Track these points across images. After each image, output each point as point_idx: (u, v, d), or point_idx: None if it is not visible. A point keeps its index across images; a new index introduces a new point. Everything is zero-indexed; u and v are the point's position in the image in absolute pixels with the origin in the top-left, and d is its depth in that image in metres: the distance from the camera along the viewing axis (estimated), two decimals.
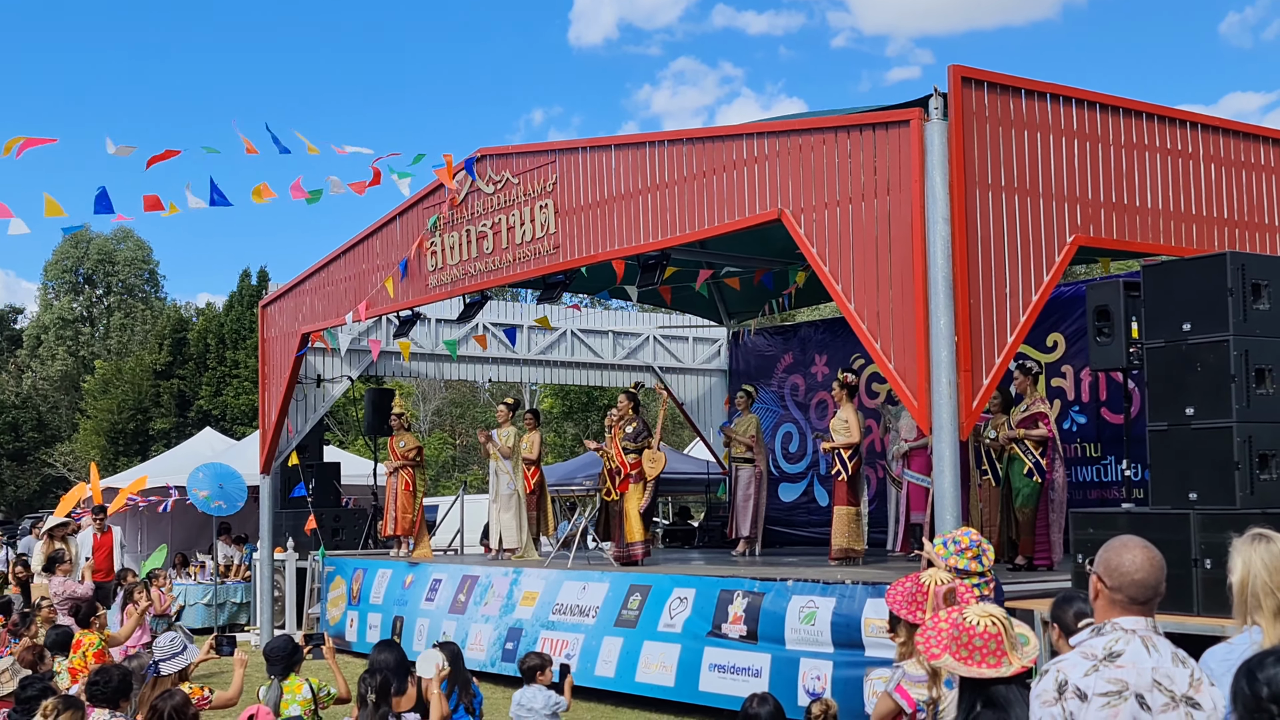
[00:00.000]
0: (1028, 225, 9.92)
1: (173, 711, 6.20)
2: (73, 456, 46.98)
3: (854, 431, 13.51)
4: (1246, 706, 2.83)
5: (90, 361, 53.67)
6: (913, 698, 5.44)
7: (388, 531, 17.47)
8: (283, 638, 8.47)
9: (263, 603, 18.33)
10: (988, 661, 4.58)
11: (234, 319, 44.24)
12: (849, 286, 10.24)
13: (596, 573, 13.71)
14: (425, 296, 15.75)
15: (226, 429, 37.62)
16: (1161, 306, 9.02)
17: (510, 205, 14.07)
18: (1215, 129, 11.20)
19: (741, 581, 11.84)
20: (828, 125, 10.59)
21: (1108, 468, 14.55)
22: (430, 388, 46.44)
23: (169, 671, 7.75)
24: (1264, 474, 8.55)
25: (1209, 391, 8.66)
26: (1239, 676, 2.92)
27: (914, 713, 5.49)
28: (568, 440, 41.82)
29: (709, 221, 11.65)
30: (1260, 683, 2.81)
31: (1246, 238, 11.22)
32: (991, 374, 9.67)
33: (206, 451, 24.26)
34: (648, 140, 12.48)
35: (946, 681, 5.42)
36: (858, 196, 10.20)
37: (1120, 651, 3.71)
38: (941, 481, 9.56)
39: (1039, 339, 14.76)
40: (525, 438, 16.61)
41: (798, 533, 17.96)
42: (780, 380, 19.29)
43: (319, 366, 18.84)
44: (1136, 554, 3.81)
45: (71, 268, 58.42)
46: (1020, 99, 10.03)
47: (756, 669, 11.21)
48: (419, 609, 15.68)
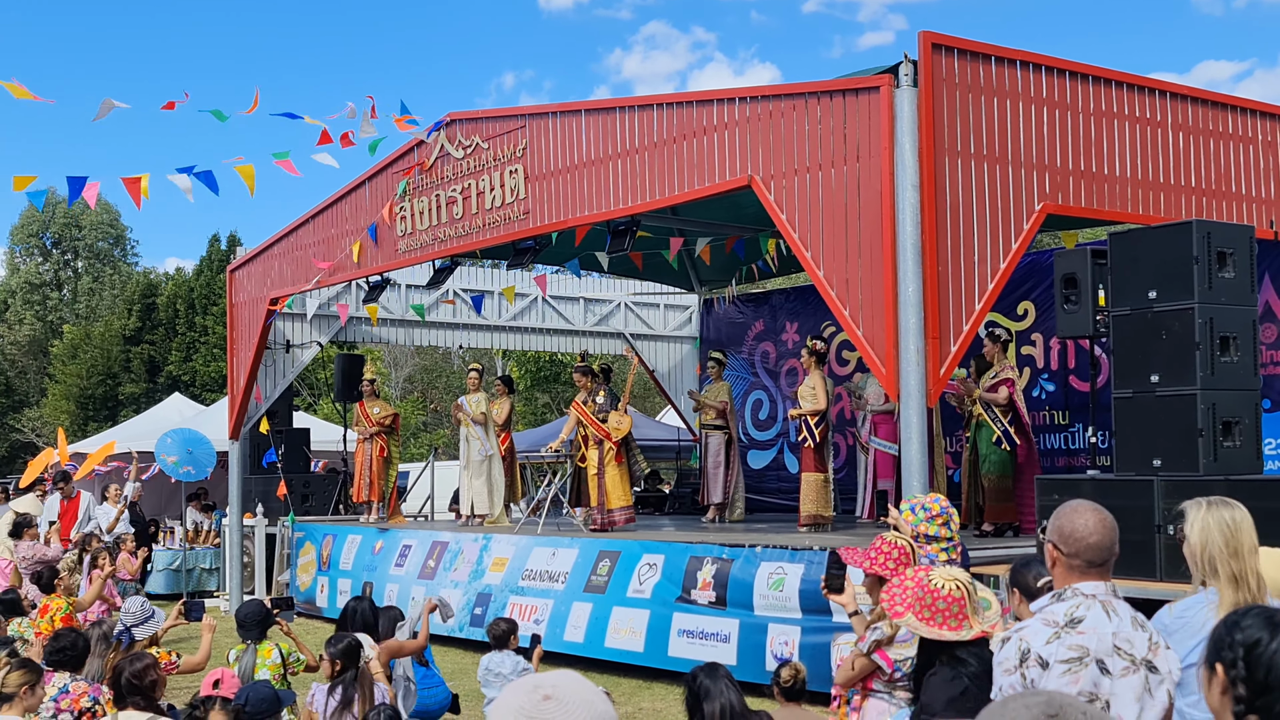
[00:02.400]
0: (996, 193, 9.93)
1: (132, 675, 6.16)
2: (41, 422, 46.68)
3: (820, 399, 13.53)
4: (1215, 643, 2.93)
5: (58, 326, 53.25)
6: (891, 658, 5.49)
7: (360, 497, 17.44)
8: (255, 603, 8.45)
9: (232, 569, 18.29)
10: (948, 624, 4.65)
11: (204, 284, 43.95)
12: (818, 253, 10.24)
13: (566, 539, 13.74)
14: (394, 262, 15.68)
15: (196, 395, 37.44)
16: (1128, 274, 9.06)
17: (480, 170, 13.99)
18: (1184, 98, 11.23)
19: (710, 548, 11.88)
20: (798, 91, 10.56)
21: (1075, 435, 14.64)
22: (401, 354, 46.30)
23: (142, 637, 7.73)
24: (1227, 441, 8.62)
25: (1174, 359, 8.71)
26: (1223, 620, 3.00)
27: (892, 673, 5.53)
28: (538, 408, 41.78)
29: (679, 187, 11.62)
30: (1240, 629, 2.91)
31: (1214, 206, 11.27)
32: (959, 341, 9.70)
33: (175, 417, 24.14)
34: (618, 105, 12.43)
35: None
36: (827, 163, 10.18)
37: (1081, 617, 3.73)
38: (909, 448, 9.59)
39: (1010, 306, 14.81)
40: (495, 404, 16.60)
41: (767, 499, 18.02)
42: (751, 347, 19.31)
43: (287, 332, 18.74)
44: (1089, 517, 3.82)
45: (38, 231, 57.85)
46: (990, 66, 10.03)
47: (725, 634, 11.26)
48: (388, 574, 15.68)
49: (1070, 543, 3.81)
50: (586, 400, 14.47)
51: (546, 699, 2.03)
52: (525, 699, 2.04)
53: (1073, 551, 3.80)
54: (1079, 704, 1.83)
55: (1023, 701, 1.85)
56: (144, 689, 6.21)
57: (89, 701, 6.76)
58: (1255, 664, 2.84)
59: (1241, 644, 2.87)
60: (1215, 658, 2.92)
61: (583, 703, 2.05)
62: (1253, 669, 2.84)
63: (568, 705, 2.03)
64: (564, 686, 2.07)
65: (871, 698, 5.67)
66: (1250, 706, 2.81)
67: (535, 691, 2.05)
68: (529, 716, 2.02)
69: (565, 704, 2.03)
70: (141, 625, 7.73)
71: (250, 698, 5.84)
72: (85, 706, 6.73)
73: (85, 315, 54.45)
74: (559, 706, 2.02)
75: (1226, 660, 2.88)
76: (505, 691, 2.09)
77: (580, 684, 2.09)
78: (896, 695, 5.62)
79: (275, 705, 5.91)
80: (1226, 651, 2.89)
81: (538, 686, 2.06)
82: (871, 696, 5.67)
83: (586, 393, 14.55)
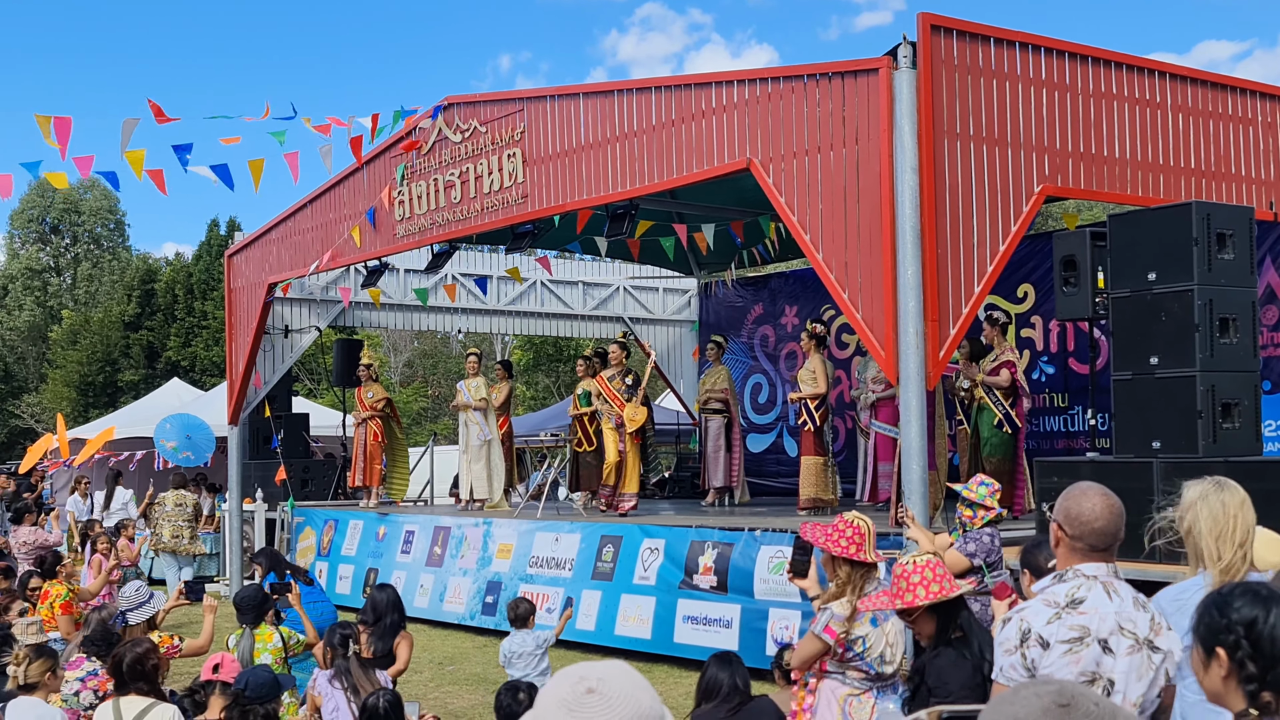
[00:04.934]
0: (995, 175, 9.91)
1: (134, 660, 6.17)
2: (40, 408, 46.67)
3: (821, 382, 13.52)
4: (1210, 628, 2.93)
5: (58, 312, 53.19)
6: (840, 636, 5.53)
7: (355, 482, 17.43)
8: (252, 587, 8.47)
9: (232, 554, 18.29)
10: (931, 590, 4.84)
11: (203, 269, 43.87)
12: (817, 236, 10.22)
13: (567, 524, 13.73)
14: (393, 246, 15.65)
15: (196, 380, 37.41)
16: (1128, 256, 9.04)
17: (478, 154, 13.96)
18: (1183, 79, 11.19)
19: (710, 532, 11.88)
20: (797, 74, 10.52)
21: (1074, 418, 14.64)
22: (400, 339, 46.26)
23: (136, 621, 7.74)
24: (1226, 423, 8.61)
25: (1173, 341, 8.70)
26: (1208, 604, 3.00)
27: (844, 653, 5.56)
28: (539, 392, 41.77)
29: (678, 171, 11.59)
30: (1233, 610, 2.91)
31: (1213, 188, 11.24)
32: (959, 324, 9.68)
33: (174, 403, 24.14)
34: (616, 88, 12.39)
35: (871, 620, 5.58)
36: (826, 146, 10.16)
37: (1083, 598, 3.73)
38: (908, 431, 9.58)
39: (1009, 289, 14.79)
40: (495, 388, 16.59)
41: (767, 483, 18.03)
42: (750, 331, 19.29)
43: (286, 317, 18.72)
44: (1096, 501, 3.81)
45: (38, 217, 57.74)
46: (989, 47, 9.99)
47: (727, 620, 11.27)
48: (395, 561, 15.68)
49: (1075, 525, 3.81)
50: (613, 378, 14.29)
51: (590, 692, 1.94)
52: (569, 691, 1.96)
53: (1077, 534, 3.80)
54: (1091, 694, 1.82)
55: (1034, 690, 1.84)
56: (146, 674, 6.22)
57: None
58: (1259, 641, 2.84)
59: (1240, 624, 2.87)
60: (1214, 641, 2.91)
61: (627, 698, 1.95)
62: (1258, 646, 2.84)
63: (610, 700, 1.94)
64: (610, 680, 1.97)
65: (825, 679, 5.69)
66: (1263, 683, 2.81)
67: (580, 683, 1.96)
68: (569, 708, 1.94)
69: (608, 698, 1.94)
70: (136, 610, 7.74)
71: (250, 682, 5.84)
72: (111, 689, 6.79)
73: (84, 301, 54.39)
74: (601, 701, 1.93)
75: (1228, 643, 2.87)
76: (552, 679, 2.03)
77: (627, 677, 1.99)
78: (849, 675, 5.64)
79: (275, 690, 5.92)
80: (1225, 634, 2.88)
81: (583, 678, 1.97)
82: (826, 677, 5.69)
83: (617, 370, 14.35)
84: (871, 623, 5.62)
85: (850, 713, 5.64)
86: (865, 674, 5.63)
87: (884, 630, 5.67)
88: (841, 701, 5.65)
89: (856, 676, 5.63)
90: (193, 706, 6.62)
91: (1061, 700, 1.80)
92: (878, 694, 5.74)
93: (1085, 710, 1.79)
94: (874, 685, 5.68)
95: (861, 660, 5.60)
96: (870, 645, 5.60)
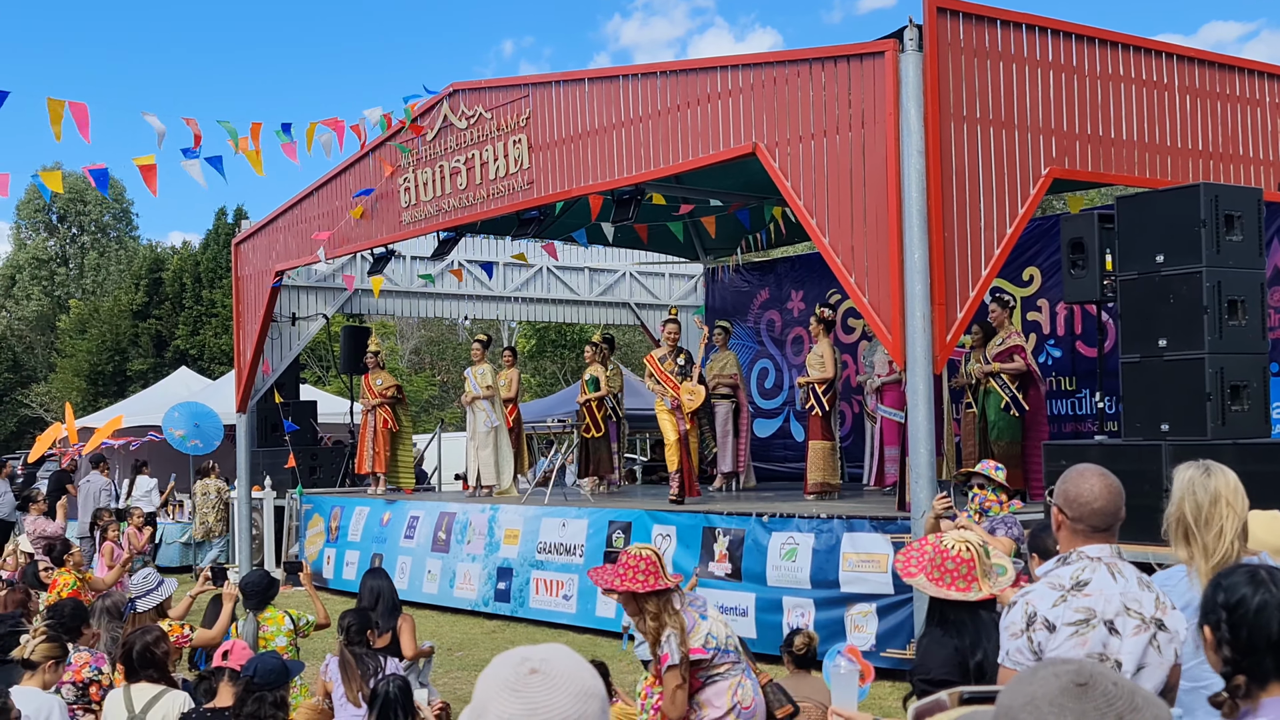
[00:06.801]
0: (1002, 157, 9.88)
1: (144, 648, 6.18)
2: (49, 397, 46.74)
3: (829, 367, 13.51)
4: (1205, 605, 2.94)
5: (65, 301, 53.25)
6: (700, 647, 5.64)
7: (363, 469, 17.45)
8: (258, 572, 8.49)
9: (241, 541, 18.33)
10: (957, 585, 4.70)
11: (210, 258, 43.87)
12: (823, 220, 10.19)
13: (574, 509, 13.73)
14: (399, 233, 15.64)
15: (204, 368, 37.45)
16: (1135, 239, 9.01)
17: (484, 141, 13.94)
18: (1190, 60, 11.14)
19: (719, 518, 11.86)
20: (802, 57, 10.49)
21: (1082, 401, 14.61)
22: (407, 326, 46.28)
23: (145, 608, 7.76)
24: (1235, 405, 8.59)
25: (1181, 323, 8.67)
26: (1211, 581, 3.01)
27: (710, 657, 5.67)
28: (546, 378, 41.78)
29: (684, 155, 11.56)
30: (1223, 590, 2.91)
31: (1221, 169, 11.20)
32: (966, 307, 9.66)
33: (183, 391, 24.16)
34: (621, 73, 12.36)
35: (701, 615, 5.73)
36: (832, 129, 10.13)
37: (1087, 580, 3.72)
38: (915, 415, 9.57)
39: (1015, 273, 14.76)
40: (503, 374, 16.59)
41: (773, 468, 18.02)
42: (756, 316, 19.27)
43: (294, 304, 18.74)
44: (1094, 482, 3.81)
45: (44, 207, 57.78)
46: (996, 30, 9.95)
47: (743, 608, 11.25)
48: (399, 546, 15.69)
49: (1075, 506, 3.81)
50: (665, 358, 13.67)
51: (533, 673, 1.97)
52: (511, 672, 1.98)
53: (1077, 515, 3.80)
54: (1110, 673, 1.82)
55: (1052, 670, 1.84)
56: (156, 661, 6.24)
57: (91, 672, 6.79)
58: (1239, 624, 2.83)
59: (1224, 605, 2.87)
60: (1204, 620, 2.92)
61: (570, 677, 1.98)
62: (1236, 629, 2.83)
63: (553, 679, 1.96)
64: (552, 660, 1.99)
65: (705, 689, 5.76)
66: (1238, 666, 2.80)
67: (523, 664, 1.98)
68: (513, 689, 1.96)
69: (551, 678, 1.96)
70: (144, 597, 7.76)
71: (258, 668, 5.85)
72: (89, 677, 6.76)
73: (92, 290, 54.43)
74: (544, 681, 1.96)
75: (1212, 622, 2.88)
76: (492, 663, 2.05)
77: (570, 658, 2.02)
78: (722, 671, 5.74)
79: (283, 675, 5.92)
80: (1211, 614, 2.89)
81: (525, 659, 1.99)
82: (706, 688, 5.76)
83: (669, 350, 13.76)
84: (701, 617, 5.73)
85: (741, 700, 5.77)
86: (733, 661, 5.78)
87: (710, 615, 5.81)
88: (729, 695, 5.74)
89: (726, 666, 5.76)
90: (204, 693, 6.63)
91: (1080, 679, 1.80)
92: (746, 670, 5.91)
93: (1103, 689, 1.78)
94: (739, 663, 5.84)
95: (723, 653, 5.72)
96: (718, 636, 5.73)
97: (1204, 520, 3.98)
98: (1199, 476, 4.06)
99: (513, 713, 1.94)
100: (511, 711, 1.95)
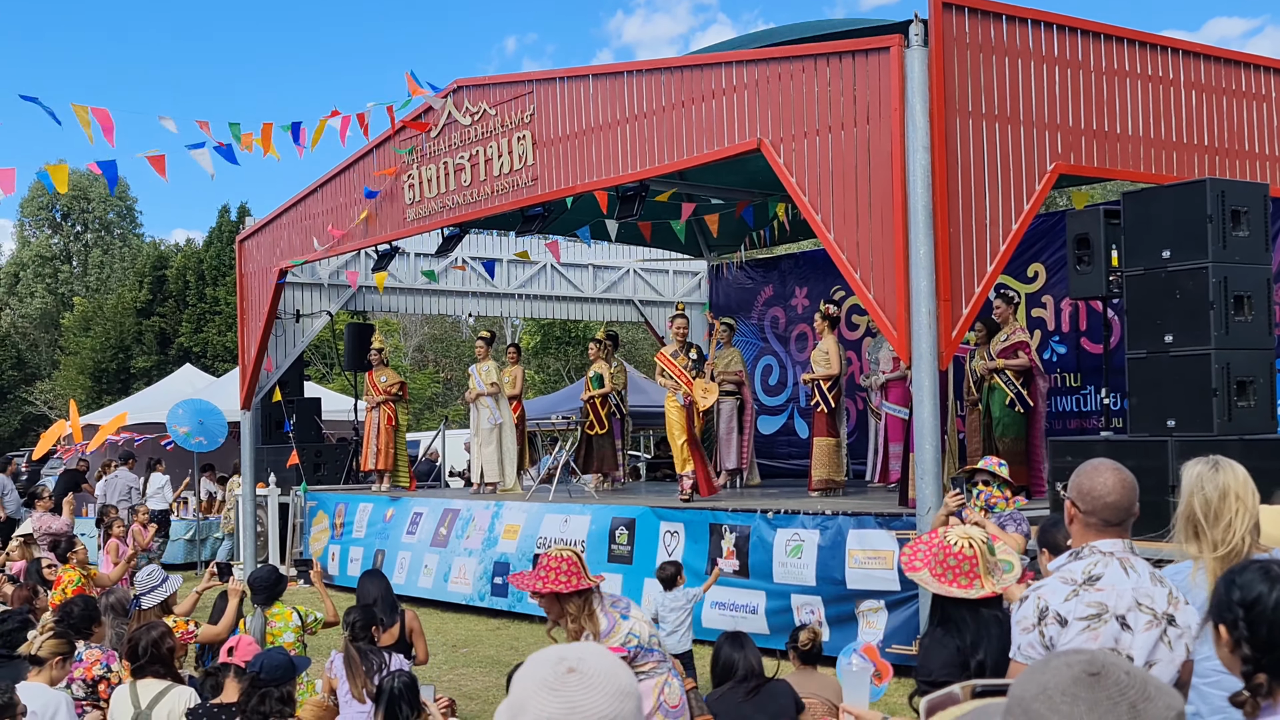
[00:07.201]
0: (1008, 153, 9.85)
1: (149, 644, 6.18)
2: (53, 394, 46.77)
3: (834, 363, 13.50)
4: (1217, 603, 2.92)
5: (69, 299, 53.27)
6: (619, 646, 5.60)
7: (368, 466, 17.46)
8: (267, 568, 8.49)
9: (246, 538, 18.35)
10: (959, 582, 4.67)
11: (214, 255, 43.88)
12: (828, 216, 10.17)
13: (577, 505, 13.72)
14: (403, 230, 15.63)
15: (208, 366, 37.46)
16: (1141, 234, 9.00)
17: (488, 137, 13.93)
18: (1196, 55, 11.12)
19: (725, 515, 11.85)
20: (807, 53, 10.47)
21: (1087, 397, 14.60)
22: (411, 323, 46.28)
23: (150, 605, 7.75)
24: (1241, 401, 8.58)
25: (1188, 319, 8.67)
26: (1221, 578, 2.99)
27: (628, 656, 5.62)
28: (550, 375, 41.77)
29: (688, 152, 11.55)
30: (1237, 587, 2.88)
31: (1227, 164, 11.18)
32: (971, 303, 9.64)
33: (186, 389, 24.17)
34: (625, 69, 12.34)
35: (622, 615, 5.69)
36: (837, 125, 10.11)
37: (1099, 575, 3.71)
38: (921, 411, 9.55)
39: (1020, 269, 14.73)
40: (506, 371, 16.59)
41: (778, 464, 18.01)
42: (760, 313, 19.26)
43: (297, 302, 18.73)
44: (1108, 477, 3.80)
45: (47, 204, 57.79)
46: (1001, 24, 9.93)
47: (753, 606, 11.24)
48: (400, 542, 15.71)
49: (1088, 501, 3.79)
50: (676, 354, 13.54)
51: (570, 671, 1.99)
52: (549, 671, 2.00)
53: (1090, 509, 3.79)
54: (1122, 663, 1.81)
55: (1064, 660, 1.83)
56: (162, 657, 6.25)
57: (102, 669, 6.79)
58: (1257, 621, 2.80)
59: (1240, 602, 2.84)
60: (1217, 618, 2.89)
61: (607, 675, 2.01)
62: (1255, 626, 2.80)
63: (591, 679, 1.99)
64: (588, 660, 2.02)
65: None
66: (1258, 665, 2.78)
67: (560, 664, 2.01)
68: (551, 689, 1.98)
69: (589, 677, 1.99)
70: (148, 593, 7.75)
71: (265, 664, 5.84)
72: (99, 674, 6.77)
73: (96, 288, 54.45)
74: (582, 680, 1.98)
75: (1228, 621, 2.85)
76: (527, 662, 2.07)
77: (605, 657, 2.05)
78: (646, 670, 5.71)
79: (290, 671, 5.92)
80: (1227, 612, 2.86)
81: (562, 659, 2.02)
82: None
83: (679, 345, 13.51)
84: (623, 617, 5.71)
85: (667, 699, 5.74)
86: (659, 660, 5.76)
87: (632, 615, 5.78)
88: (654, 694, 5.71)
89: (651, 665, 5.74)
90: (210, 689, 6.63)
91: (1092, 669, 1.79)
92: (671, 669, 5.88)
93: (1116, 679, 1.77)
94: (664, 662, 5.82)
95: (646, 651, 5.70)
96: (640, 635, 5.71)
97: (1213, 515, 3.96)
98: (1208, 472, 4.04)
99: (552, 711, 1.97)
100: (551, 710, 1.97)
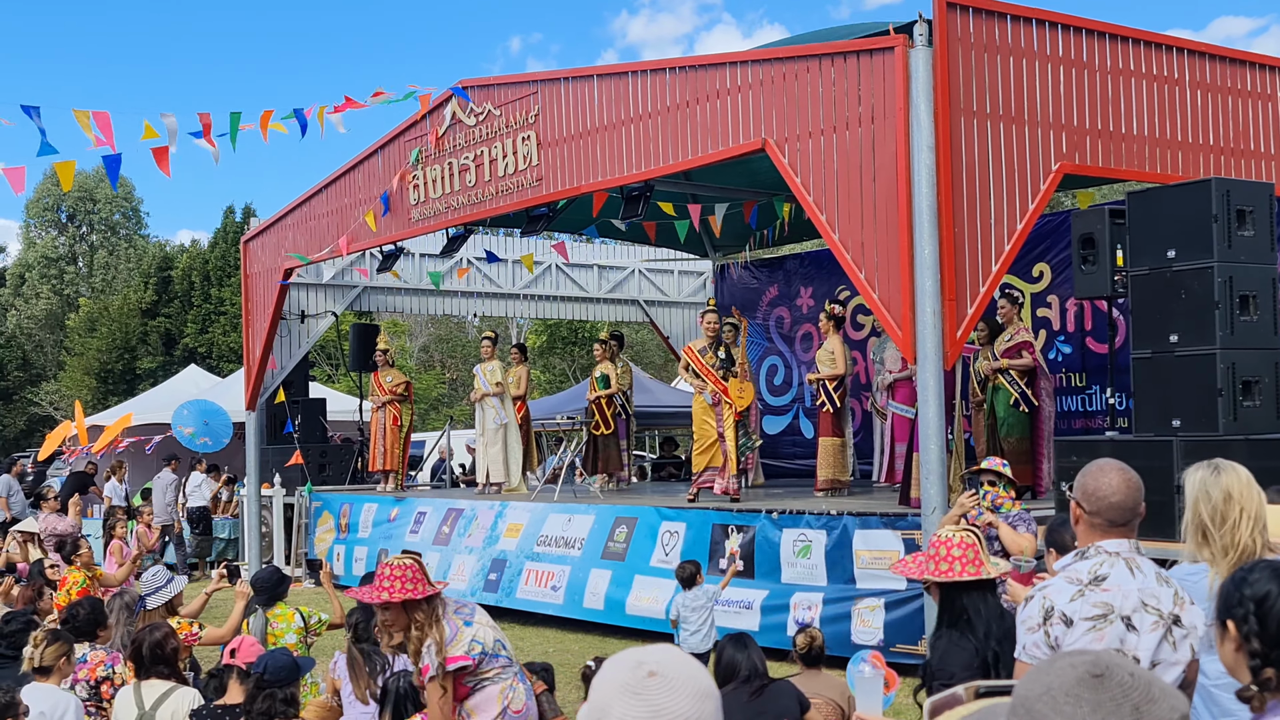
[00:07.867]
0: (1013, 153, 9.84)
1: (153, 645, 6.18)
2: (59, 395, 46.84)
3: (839, 363, 13.48)
4: (1225, 601, 2.93)
5: (75, 299, 53.36)
6: (465, 655, 5.59)
7: (375, 466, 17.46)
8: (270, 568, 8.49)
9: (250, 538, 18.36)
10: (968, 569, 4.71)
11: (219, 256, 43.96)
12: (833, 216, 10.16)
13: (582, 505, 13.73)
14: (408, 230, 15.63)
15: (213, 366, 37.53)
16: (1147, 234, 8.98)
17: (492, 137, 13.93)
18: (1201, 54, 11.10)
19: (730, 515, 11.85)
20: (812, 53, 10.46)
21: (1093, 397, 14.57)
22: (416, 324, 46.31)
23: (155, 605, 7.75)
24: (1247, 401, 8.56)
25: (1193, 318, 8.65)
26: (1229, 578, 3.00)
27: (475, 663, 5.63)
28: (555, 375, 41.78)
29: (693, 152, 11.54)
30: (1248, 584, 2.90)
31: (1232, 164, 11.16)
32: (976, 303, 9.63)
33: (192, 389, 24.21)
34: (630, 70, 12.33)
35: (465, 622, 5.64)
36: (842, 125, 10.10)
37: (1105, 575, 3.70)
38: (926, 411, 9.54)
39: (1024, 269, 14.72)
40: (512, 371, 16.59)
41: (783, 465, 18.00)
42: (766, 313, 19.25)
43: (302, 302, 18.75)
44: (1113, 477, 3.79)
45: (53, 205, 57.86)
46: (1005, 24, 9.92)
47: (748, 601, 11.23)
48: (404, 541, 15.72)
49: (1093, 501, 3.78)
50: (705, 350, 13.14)
51: (652, 675, 2.00)
52: (630, 675, 2.01)
53: (1095, 510, 3.78)
54: (1126, 664, 1.80)
55: (1068, 661, 1.83)
56: (166, 658, 6.24)
57: (105, 670, 6.79)
58: (1267, 618, 2.82)
59: (1251, 599, 2.86)
60: (1226, 614, 2.90)
61: (688, 678, 2.02)
62: (1265, 623, 2.82)
63: (673, 681, 2.00)
64: (668, 662, 2.03)
65: (475, 694, 5.70)
66: (1266, 660, 2.80)
67: (639, 668, 2.01)
68: (634, 692, 1.99)
69: (671, 680, 2.00)
70: (153, 594, 7.75)
71: (269, 665, 5.84)
72: (102, 675, 6.76)
73: (101, 289, 54.54)
74: (664, 683, 1.99)
75: (1238, 616, 2.87)
76: (605, 666, 2.07)
77: (683, 659, 2.06)
78: (492, 675, 5.70)
79: (294, 672, 5.91)
80: (1237, 608, 2.87)
81: (641, 663, 2.02)
82: (475, 694, 5.70)
83: (708, 342, 13.15)
84: (466, 624, 5.65)
85: (511, 704, 5.71)
86: (504, 665, 5.72)
87: (476, 621, 5.72)
88: (499, 700, 5.69)
89: (496, 671, 5.70)
90: (214, 690, 6.63)
91: (1096, 670, 1.78)
92: (518, 674, 5.85)
93: (1120, 680, 1.77)
94: (510, 666, 5.78)
95: (491, 657, 5.67)
96: (484, 641, 5.66)
97: (1219, 518, 3.96)
98: (1209, 476, 4.04)
99: (636, 715, 1.98)
100: (635, 714, 1.98)
